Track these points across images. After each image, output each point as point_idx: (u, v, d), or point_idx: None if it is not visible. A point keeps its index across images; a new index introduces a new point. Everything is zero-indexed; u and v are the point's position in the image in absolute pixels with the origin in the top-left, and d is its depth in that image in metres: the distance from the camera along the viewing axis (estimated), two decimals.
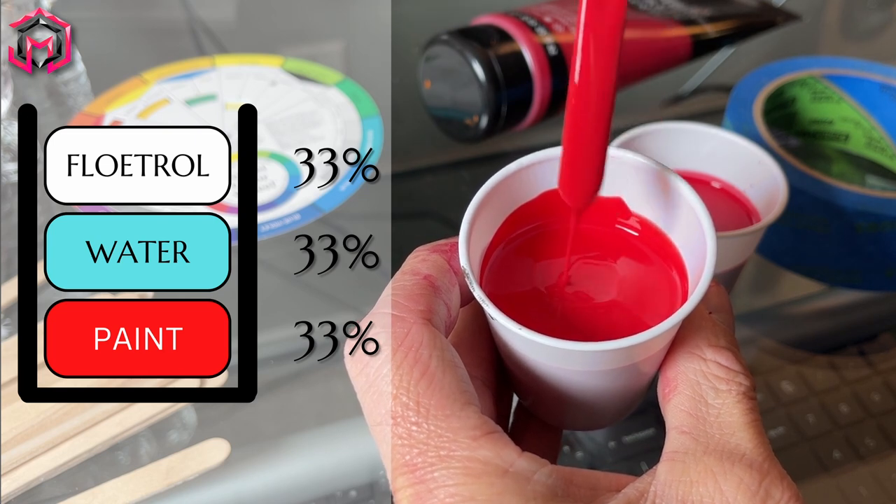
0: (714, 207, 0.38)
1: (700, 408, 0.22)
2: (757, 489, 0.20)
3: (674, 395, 0.23)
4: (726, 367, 0.23)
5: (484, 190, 0.25)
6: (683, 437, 0.22)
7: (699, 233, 0.23)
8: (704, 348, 0.23)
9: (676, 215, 0.25)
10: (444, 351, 0.22)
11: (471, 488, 0.19)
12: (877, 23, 0.72)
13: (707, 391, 0.23)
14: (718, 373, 0.23)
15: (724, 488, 0.20)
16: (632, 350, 0.22)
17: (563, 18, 0.49)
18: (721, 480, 0.20)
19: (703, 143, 0.38)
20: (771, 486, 0.20)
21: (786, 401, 0.39)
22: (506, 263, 0.26)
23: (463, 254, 0.23)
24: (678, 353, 0.24)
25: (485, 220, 0.25)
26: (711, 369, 0.23)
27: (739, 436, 0.21)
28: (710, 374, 0.23)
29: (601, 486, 0.21)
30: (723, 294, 0.26)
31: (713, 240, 0.23)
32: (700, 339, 0.24)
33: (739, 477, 0.20)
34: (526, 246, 0.27)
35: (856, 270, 0.43)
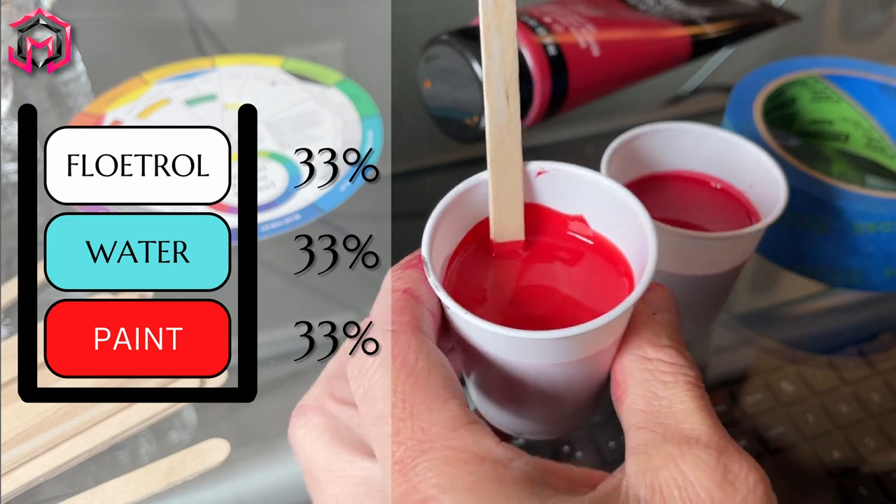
0: (714, 207, 0.38)
1: (652, 402, 0.24)
2: (715, 465, 0.21)
3: (626, 397, 0.24)
4: (670, 362, 0.24)
5: (450, 196, 0.27)
6: (641, 432, 0.23)
7: (643, 240, 0.25)
8: (647, 348, 0.25)
9: (627, 226, 0.27)
10: (430, 353, 0.23)
11: (450, 477, 0.20)
12: (876, 23, 0.72)
13: (655, 386, 0.24)
14: (664, 368, 0.24)
15: (684, 469, 0.21)
16: (578, 340, 0.23)
17: (563, 19, 0.49)
18: (681, 462, 0.21)
19: (704, 143, 0.38)
20: (729, 462, 0.21)
21: (786, 401, 0.39)
22: (467, 266, 0.28)
23: (425, 244, 0.25)
24: (625, 356, 0.25)
25: (451, 221, 0.27)
26: (657, 367, 0.24)
27: (692, 420, 0.23)
28: (655, 370, 0.24)
29: (577, 479, 0.22)
30: (667, 295, 0.27)
31: (654, 244, 0.25)
32: (643, 339, 0.25)
33: (697, 456, 0.21)
34: (484, 253, 0.28)
35: (855, 270, 0.43)
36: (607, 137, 0.40)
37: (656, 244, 0.25)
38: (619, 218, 0.27)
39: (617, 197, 0.27)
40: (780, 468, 0.37)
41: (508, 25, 0.25)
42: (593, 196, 0.28)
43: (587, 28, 0.49)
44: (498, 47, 0.25)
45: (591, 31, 0.49)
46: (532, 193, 0.28)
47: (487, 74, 0.25)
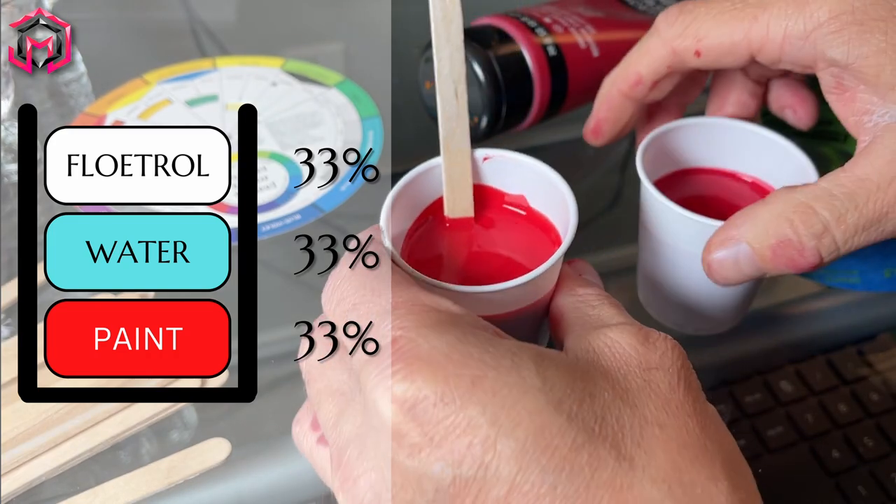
0: (746, 202, 0.38)
1: (583, 316, 0.29)
2: (638, 331, 0.26)
3: (562, 321, 0.29)
4: (596, 294, 0.30)
5: (406, 177, 0.33)
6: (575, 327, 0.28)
7: (566, 210, 0.31)
8: (577, 289, 0.30)
9: (556, 201, 0.33)
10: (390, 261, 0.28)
11: (416, 320, 0.24)
12: None
13: (585, 309, 0.29)
14: (591, 300, 0.29)
15: (611, 335, 0.25)
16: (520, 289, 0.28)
17: (563, 19, 0.49)
18: (608, 332, 0.26)
19: (738, 139, 0.38)
20: (648, 332, 0.26)
21: (785, 400, 0.39)
22: (424, 237, 0.34)
23: (384, 218, 0.30)
24: (559, 297, 0.30)
25: (408, 198, 0.33)
26: (585, 300, 0.30)
27: (617, 318, 0.28)
28: (584, 302, 0.29)
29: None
30: (589, 266, 0.33)
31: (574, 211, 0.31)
32: (574, 284, 0.31)
33: (622, 327, 0.26)
34: (440, 226, 0.34)
35: (854, 270, 0.43)
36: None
37: (576, 210, 0.31)
38: (548, 195, 0.33)
39: (547, 177, 0.33)
40: (780, 468, 0.37)
41: (456, 34, 0.30)
42: (529, 177, 0.34)
43: (587, 29, 0.49)
44: (447, 53, 0.31)
45: (590, 31, 0.49)
46: (479, 176, 0.34)
47: (439, 76, 0.31)
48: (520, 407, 0.22)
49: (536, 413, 0.22)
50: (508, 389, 0.22)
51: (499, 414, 0.22)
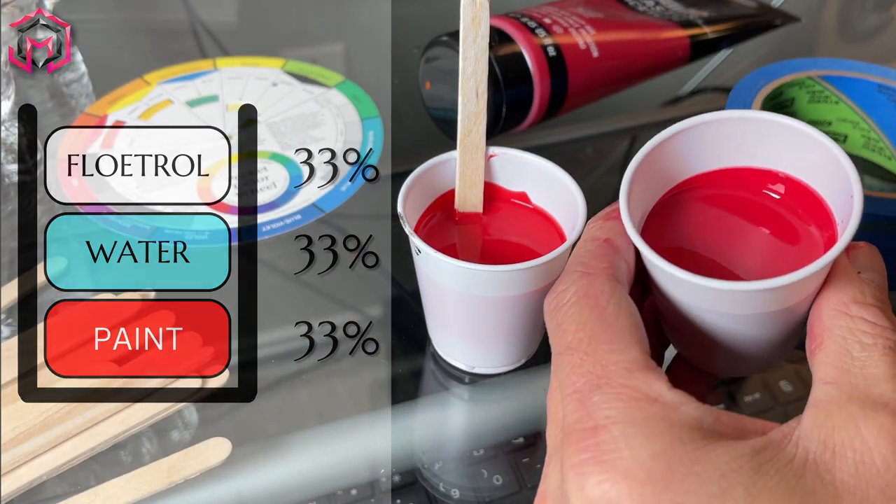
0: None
1: (845, 360, 0.23)
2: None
3: (820, 350, 0.24)
4: (872, 322, 0.23)
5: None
6: (828, 387, 0.22)
7: (572, 204, 0.33)
8: (850, 305, 0.24)
9: (559, 197, 0.34)
10: (622, 299, 0.25)
11: (621, 411, 0.21)
12: (874, 24, 0.72)
13: (853, 345, 0.23)
14: (864, 328, 0.23)
15: (864, 433, 0.20)
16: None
17: (563, 20, 0.49)
18: (862, 426, 0.20)
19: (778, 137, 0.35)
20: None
21: (784, 400, 0.39)
22: (435, 229, 0.35)
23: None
24: (824, 310, 0.24)
25: (421, 187, 0.34)
26: (857, 325, 0.23)
27: (884, 386, 0.21)
28: (855, 329, 0.23)
29: (747, 428, 0.22)
30: (875, 254, 0.26)
31: (583, 203, 0.33)
32: (846, 296, 0.24)
33: (881, 423, 0.20)
34: (450, 219, 0.36)
35: None
36: (607, 138, 0.40)
37: (584, 203, 0.32)
38: (552, 191, 0.34)
39: (552, 173, 0.34)
40: None
41: (483, 37, 0.32)
42: (532, 174, 0.35)
43: (586, 29, 0.49)
44: (473, 54, 0.32)
45: (590, 32, 0.49)
46: (486, 173, 0.35)
47: (463, 74, 0.32)
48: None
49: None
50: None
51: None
